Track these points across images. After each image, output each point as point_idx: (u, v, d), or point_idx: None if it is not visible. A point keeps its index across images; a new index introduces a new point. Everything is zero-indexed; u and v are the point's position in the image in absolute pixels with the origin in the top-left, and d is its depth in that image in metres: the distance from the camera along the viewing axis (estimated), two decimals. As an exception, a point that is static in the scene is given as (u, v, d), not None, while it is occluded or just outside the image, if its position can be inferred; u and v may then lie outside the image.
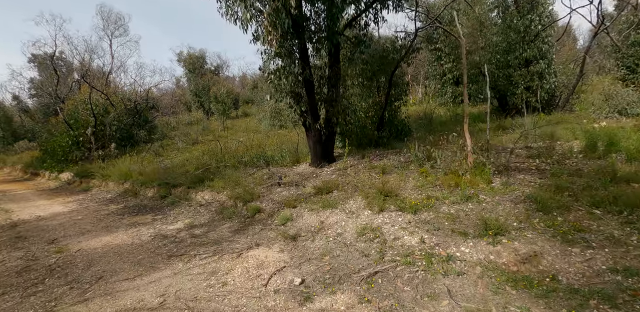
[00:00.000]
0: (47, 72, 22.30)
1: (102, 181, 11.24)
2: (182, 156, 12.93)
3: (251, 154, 9.57)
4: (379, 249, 3.83)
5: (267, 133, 15.19)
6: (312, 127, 7.25)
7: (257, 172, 8.13)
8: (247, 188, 6.53)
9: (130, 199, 8.88)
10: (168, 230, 5.69)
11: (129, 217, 6.93)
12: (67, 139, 14.03)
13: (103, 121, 14.77)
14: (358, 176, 6.37)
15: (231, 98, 29.02)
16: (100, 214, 7.50)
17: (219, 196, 7.04)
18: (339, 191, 5.80)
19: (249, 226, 5.36)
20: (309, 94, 6.98)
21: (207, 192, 7.32)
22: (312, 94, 7.01)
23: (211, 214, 6.30)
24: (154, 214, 6.96)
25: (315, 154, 7.48)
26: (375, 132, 9.16)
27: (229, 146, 11.55)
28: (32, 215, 7.91)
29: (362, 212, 4.77)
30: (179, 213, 6.70)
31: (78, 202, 9.34)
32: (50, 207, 8.86)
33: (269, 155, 8.77)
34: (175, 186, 8.27)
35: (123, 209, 7.76)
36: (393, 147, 8.58)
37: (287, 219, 5.14)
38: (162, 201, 7.97)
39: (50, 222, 7.06)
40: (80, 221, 6.96)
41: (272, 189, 6.62)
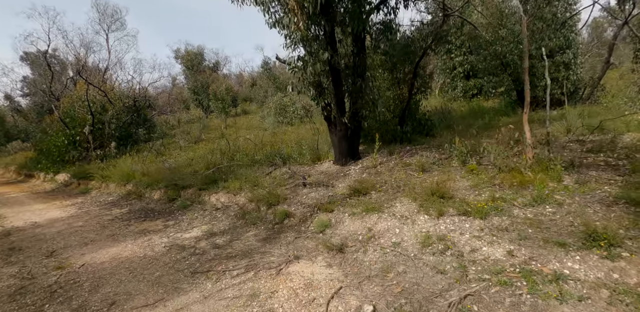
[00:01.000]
0: (40, 70, 21.28)
1: (102, 182, 10.42)
2: (185, 155, 12.14)
3: (264, 151, 8.80)
4: (457, 264, 3.11)
5: (273, 130, 14.41)
6: (338, 121, 6.52)
7: (275, 171, 7.38)
8: (269, 189, 5.78)
9: (135, 202, 8.09)
10: (184, 239, 4.92)
11: (136, 223, 6.15)
12: (62, 139, 13.15)
13: (101, 119, 13.90)
14: (394, 175, 5.65)
15: (230, 95, 28.17)
16: (103, 219, 6.70)
17: (236, 198, 6.29)
18: (377, 191, 5.08)
19: (279, 233, 4.61)
20: (335, 85, 6.23)
21: (222, 194, 6.55)
22: (339, 84, 6.26)
23: (231, 219, 5.54)
24: (165, 219, 6.19)
25: (340, 151, 6.74)
26: (397, 127, 8.46)
27: (237, 144, 10.76)
28: (27, 221, 7.10)
29: (417, 217, 4.04)
30: (193, 218, 5.94)
31: (77, 206, 8.52)
32: (46, 212, 8.03)
33: (286, 152, 8.01)
34: (184, 188, 7.49)
35: (128, 214, 6.97)
36: (418, 143, 7.87)
37: (325, 226, 4.40)
38: (170, 204, 7.19)
39: (48, 229, 6.26)
40: (82, 228, 6.17)
41: (297, 190, 5.88)
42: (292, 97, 17.85)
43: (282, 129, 14.67)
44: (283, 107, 17.20)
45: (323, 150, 7.70)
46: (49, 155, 13.42)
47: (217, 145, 13.27)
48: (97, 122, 13.59)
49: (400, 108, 8.58)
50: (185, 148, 13.99)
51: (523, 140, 4.93)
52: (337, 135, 6.73)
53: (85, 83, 13.10)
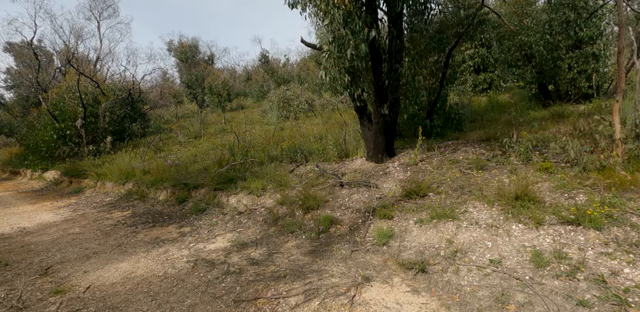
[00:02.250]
0: (25, 61, 19.82)
1: (97, 180, 9.40)
2: (187, 151, 11.18)
3: (280, 147, 7.93)
4: (600, 292, 2.34)
5: (280, 125, 13.50)
6: (375, 112, 5.69)
7: (298, 168, 6.53)
8: (302, 190, 4.93)
9: (137, 203, 7.14)
10: (210, 251, 4.05)
11: (144, 229, 5.24)
12: (51, 133, 12.00)
13: (93, 112, 12.77)
14: (446, 174, 4.87)
15: (227, 89, 27.04)
16: (104, 224, 5.77)
17: (261, 200, 5.43)
18: (436, 193, 4.28)
19: (328, 245, 3.78)
20: (375, 70, 5.40)
21: (244, 195, 5.68)
22: (379, 69, 5.42)
23: (260, 225, 4.68)
24: (178, 225, 5.29)
25: (376, 146, 5.92)
26: (427, 121, 7.69)
27: (246, 139, 9.84)
28: (13, 227, 6.11)
29: (508, 226, 3.26)
30: (213, 224, 5.05)
31: (71, 207, 7.52)
32: (36, 214, 7.03)
33: (309, 148, 7.16)
34: (195, 188, 6.58)
35: (132, 218, 6.04)
36: (451, 138, 7.11)
37: (388, 236, 3.59)
38: (181, 206, 6.29)
39: (40, 237, 5.30)
40: (80, 235, 5.23)
41: (334, 191, 5.05)
42: (296, 91, 16.94)
43: (289, 123, 13.78)
44: (286, 100, 16.28)
45: (350, 145, 6.87)
46: (36, 150, 12.27)
47: (221, 140, 12.34)
48: (89, 115, 12.46)
49: (428, 100, 7.81)
50: (185, 143, 13.00)
51: (601, 133, 4.19)
52: (372, 128, 5.91)
53: (76, 73, 11.95)
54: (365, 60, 5.38)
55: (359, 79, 5.64)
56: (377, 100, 5.59)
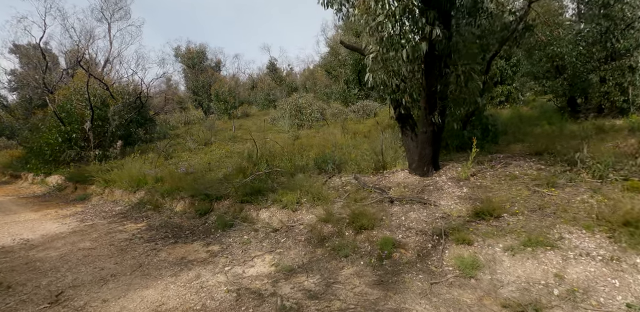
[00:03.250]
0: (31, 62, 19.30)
1: (105, 187, 8.74)
2: (199, 158, 10.57)
3: (305, 156, 7.35)
4: None
5: (294, 133, 12.93)
6: (424, 121, 5.13)
7: (330, 180, 5.92)
8: (349, 206, 4.32)
9: (151, 214, 6.49)
10: (252, 278, 3.41)
11: (166, 246, 4.58)
12: (56, 136, 11.36)
13: (101, 115, 12.17)
14: (511, 191, 4.28)
15: (233, 96, 26.58)
16: (118, 238, 5.11)
17: (297, 215, 4.80)
18: (511, 214, 3.69)
19: (397, 275, 3.16)
20: (428, 74, 4.86)
21: (276, 209, 5.06)
22: (433, 73, 4.88)
23: (303, 246, 4.05)
24: (204, 242, 4.64)
25: (422, 157, 5.34)
26: (463, 132, 7.16)
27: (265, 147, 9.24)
28: (15, 238, 5.44)
29: (630, 258, 2.66)
30: (245, 242, 4.41)
31: (78, 217, 6.85)
32: (40, 224, 6.36)
33: (341, 158, 6.57)
34: (218, 199, 5.96)
35: (149, 231, 5.38)
36: (491, 151, 6.56)
37: (473, 266, 2.98)
38: (202, 219, 5.64)
39: (46, 252, 4.63)
40: (92, 251, 4.57)
41: (384, 207, 4.44)
42: (308, 99, 16.46)
43: (304, 131, 13.23)
44: (299, 108, 15.77)
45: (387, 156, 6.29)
46: (39, 154, 11.59)
47: (233, 147, 11.76)
48: (96, 118, 11.85)
49: (465, 110, 7.28)
50: (195, 150, 12.39)
51: None
52: (418, 138, 5.34)
53: (85, 74, 11.40)
54: (417, 62, 4.85)
55: (407, 83, 5.11)
56: (427, 107, 5.03)
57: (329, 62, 21.83)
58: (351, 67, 20.76)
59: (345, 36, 20.48)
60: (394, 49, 4.51)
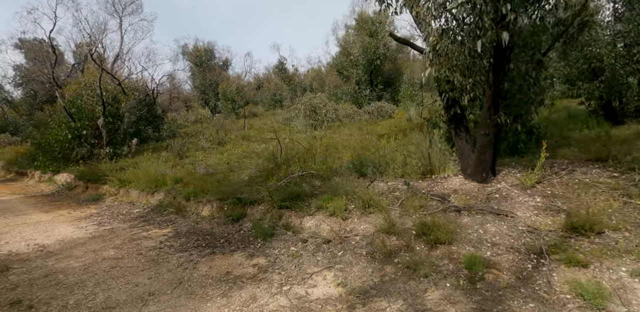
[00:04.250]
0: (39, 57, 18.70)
1: (120, 187, 8.18)
2: (216, 158, 10.02)
3: (340, 158, 6.82)
4: None
5: (311, 134, 12.40)
6: (487, 122, 4.61)
7: (375, 185, 5.39)
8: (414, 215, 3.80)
9: (175, 218, 5.94)
10: (319, 301, 2.87)
11: (203, 257, 4.04)
12: (66, 132, 10.80)
13: (112, 112, 11.61)
14: (594, 201, 3.77)
15: (241, 96, 26.03)
16: (145, 246, 4.56)
17: (349, 224, 4.27)
18: (613, 229, 3.17)
19: (499, 301, 2.62)
20: (496, 69, 4.34)
21: (323, 217, 4.52)
22: (501, 69, 4.37)
23: (366, 261, 3.51)
24: (245, 252, 4.10)
25: (480, 162, 4.82)
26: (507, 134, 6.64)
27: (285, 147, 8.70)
28: (29, 244, 4.88)
29: None
30: (294, 255, 3.87)
31: (94, 219, 6.30)
32: (54, 227, 5.80)
33: (382, 160, 6.04)
34: (251, 203, 5.42)
35: (177, 238, 4.83)
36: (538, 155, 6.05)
37: (600, 296, 2.45)
38: (235, 226, 5.10)
39: (67, 262, 4.09)
40: (120, 262, 4.02)
41: (452, 218, 3.91)
42: (323, 99, 15.95)
43: (322, 132, 12.70)
44: (313, 108, 15.24)
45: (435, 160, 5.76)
46: (48, 151, 11.03)
47: (250, 147, 11.23)
48: (107, 114, 11.30)
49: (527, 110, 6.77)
50: (209, 150, 11.84)
51: None
52: (478, 140, 4.82)
53: (97, 69, 10.85)
54: (487, 56, 4.34)
55: (470, 80, 4.59)
56: (492, 106, 4.51)
57: (341, 62, 21.29)
58: (363, 67, 20.28)
59: (358, 36, 19.99)
60: (463, 41, 4.01)
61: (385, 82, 20.83)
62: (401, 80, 20.82)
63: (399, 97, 20.05)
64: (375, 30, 19.61)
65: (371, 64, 19.78)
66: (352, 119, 16.32)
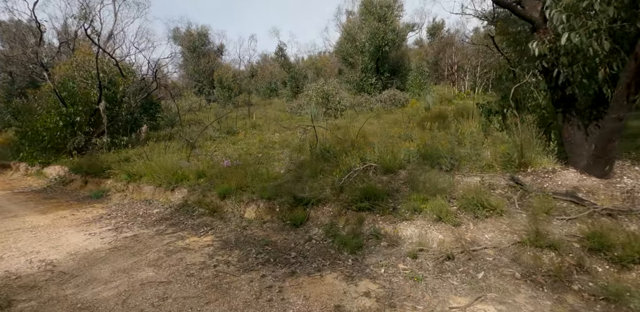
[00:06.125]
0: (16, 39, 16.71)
1: (128, 182, 6.93)
2: (231, 149, 8.83)
3: (409, 149, 5.77)
4: None
5: (330, 122, 11.29)
6: (623, 103, 3.64)
7: (461, 180, 4.39)
8: (560, 220, 2.82)
9: (211, 221, 4.81)
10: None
11: (283, 280, 2.95)
12: (57, 119, 9.32)
13: (109, 96, 10.17)
14: None
15: (238, 84, 24.49)
16: (190, 263, 3.43)
17: (466, 232, 3.26)
18: None
19: None
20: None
21: (425, 222, 3.49)
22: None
23: (531, 289, 2.52)
24: (339, 273, 3.03)
25: (602, 153, 3.85)
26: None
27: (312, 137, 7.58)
28: (32, 259, 3.69)
29: None
30: (413, 277, 2.84)
31: (106, 222, 5.10)
32: (58, 233, 4.58)
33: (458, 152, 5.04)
34: (313, 204, 4.34)
35: (229, 251, 3.72)
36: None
37: None
38: (299, 233, 4.02)
39: (91, 290, 2.93)
40: (169, 289, 2.90)
41: (612, 225, 2.95)
42: (335, 85, 14.80)
43: (341, 121, 11.61)
44: (325, 96, 14.09)
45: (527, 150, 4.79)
46: (35, 140, 9.54)
47: (265, 136, 10.05)
48: (103, 98, 9.85)
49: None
50: (220, 139, 10.59)
51: None
52: (603, 127, 3.87)
53: (92, 47, 9.36)
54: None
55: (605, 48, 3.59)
56: (632, 83, 3.54)
57: (346, 48, 20.06)
58: (369, 54, 19.11)
59: (366, 21, 18.74)
60: None
61: (391, 70, 19.76)
62: (408, 67, 19.81)
63: (406, 85, 19.09)
64: (383, 14, 18.41)
65: (379, 50, 18.64)
66: (363, 108, 15.28)
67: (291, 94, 22.29)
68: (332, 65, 25.96)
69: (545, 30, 4.10)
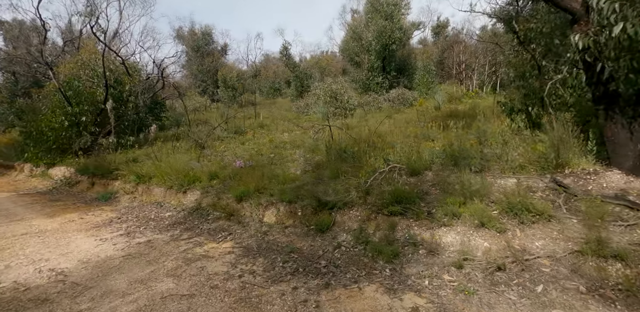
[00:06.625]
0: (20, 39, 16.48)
1: (137, 183, 6.67)
2: (241, 149, 8.58)
3: (432, 149, 5.50)
4: None
5: (341, 122, 11.02)
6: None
7: (494, 182, 4.12)
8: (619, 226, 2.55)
9: (228, 225, 4.55)
10: None
11: (318, 294, 2.68)
12: (62, 119, 9.07)
13: (115, 95, 9.91)
14: None
15: (242, 83, 24.23)
16: (213, 272, 3.17)
17: (513, 240, 2.98)
18: None
19: None
20: None
21: (467, 228, 3.22)
22: None
23: (602, 305, 2.25)
24: (379, 285, 2.76)
25: (651, 152, 3.61)
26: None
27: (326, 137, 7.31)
28: (41, 268, 3.43)
29: None
30: (463, 290, 2.57)
31: (117, 226, 4.84)
32: (67, 239, 4.32)
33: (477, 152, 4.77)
34: (338, 207, 4.07)
35: (252, 259, 3.46)
36: None
37: None
38: (326, 238, 3.75)
39: (108, 303, 2.66)
40: (193, 302, 2.63)
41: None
42: (344, 84, 14.53)
43: (352, 120, 11.35)
44: (334, 95, 13.82)
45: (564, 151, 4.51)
46: (40, 141, 9.29)
47: (274, 136, 9.79)
48: (109, 98, 9.60)
49: None
50: (227, 139, 10.33)
51: None
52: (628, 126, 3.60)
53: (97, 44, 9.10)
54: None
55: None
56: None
57: (352, 47, 19.79)
58: (376, 53, 18.82)
59: (373, 19, 18.46)
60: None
61: (397, 69, 19.48)
62: (415, 66, 19.53)
63: (413, 84, 18.81)
64: (390, 12, 18.13)
65: (385, 49, 18.36)
66: (371, 107, 15.02)
67: (296, 93, 22.02)
68: (335, 64, 25.68)
69: (587, 22, 3.83)
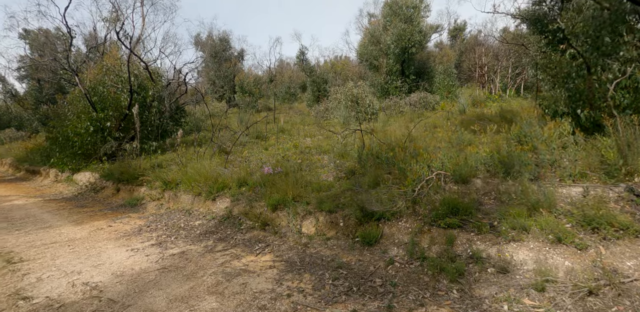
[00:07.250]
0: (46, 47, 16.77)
1: (163, 190, 6.49)
2: (265, 155, 8.33)
3: (477, 154, 5.14)
4: None
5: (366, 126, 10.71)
6: None
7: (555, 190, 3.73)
8: None
9: (264, 236, 4.28)
10: None
11: (380, 319, 2.38)
12: (87, 124, 9.03)
13: (139, 100, 9.85)
14: None
15: (259, 89, 24.20)
16: (258, 291, 2.89)
17: (600, 259, 2.62)
18: None
19: None
20: None
21: (541, 244, 2.85)
22: None
23: None
24: (449, 309, 2.45)
25: None
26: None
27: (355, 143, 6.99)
28: (74, 282, 3.21)
29: None
30: (547, 317, 2.23)
31: (147, 235, 4.63)
32: (97, 248, 4.12)
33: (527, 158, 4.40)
34: (385, 218, 3.76)
35: (298, 275, 3.17)
36: None
37: None
38: (375, 252, 3.44)
39: (153, 328, 2.41)
40: (244, 328, 2.35)
41: None
42: (365, 88, 14.25)
43: (376, 125, 11.03)
44: (355, 99, 13.54)
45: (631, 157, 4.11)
46: (65, 146, 9.27)
47: (297, 141, 9.53)
48: (133, 103, 9.54)
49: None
50: (249, 144, 10.13)
51: None
52: None
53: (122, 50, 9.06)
54: None
55: None
56: None
57: (370, 51, 19.51)
58: (395, 56, 18.50)
59: (392, 22, 18.18)
60: None
61: (417, 72, 19.10)
62: (435, 69, 19.11)
63: (433, 88, 18.40)
64: (409, 15, 17.82)
65: (404, 52, 18.02)
66: (392, 111, 14.67)
67: (313, 98, 21.84)
68: (352, 68, 25.43)
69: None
